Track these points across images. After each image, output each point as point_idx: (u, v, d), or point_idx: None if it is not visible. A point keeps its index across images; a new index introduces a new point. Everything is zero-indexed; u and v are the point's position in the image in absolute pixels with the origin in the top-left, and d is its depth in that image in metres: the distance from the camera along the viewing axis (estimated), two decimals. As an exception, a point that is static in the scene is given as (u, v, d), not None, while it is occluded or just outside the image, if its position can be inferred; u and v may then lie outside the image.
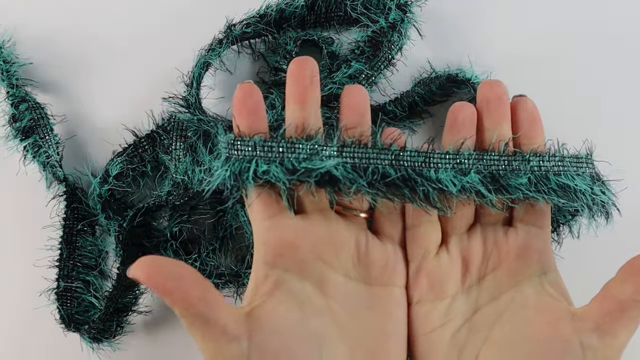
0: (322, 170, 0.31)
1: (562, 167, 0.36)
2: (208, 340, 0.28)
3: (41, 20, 0.46)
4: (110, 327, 0.41)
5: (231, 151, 0.32)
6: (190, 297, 0.28)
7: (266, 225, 0.33)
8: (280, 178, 0.31)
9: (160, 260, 0.28)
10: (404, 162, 0.32)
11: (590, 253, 0.45)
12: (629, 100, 0.46)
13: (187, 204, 0.42)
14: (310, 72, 0.33)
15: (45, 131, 0.43)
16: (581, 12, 0.47)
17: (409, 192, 0.32)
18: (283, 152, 0.31)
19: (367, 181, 0.31)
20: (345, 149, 0.32)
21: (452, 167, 0.33)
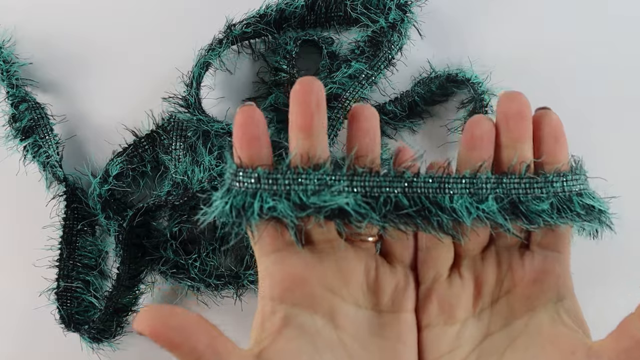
0: (333, 207, 0.29)
1: (581, 185, 0.33)
2: None
3: (41, 20, 0.46)
4: (110, 327, 0.41)
5: (233, 182, 0.30)
6: (199, 348, 0.27)
7: (272, 259, 0.31)
8: (288, 214, 0.29)
9: (163, 311, 0.27)
10: (417, 189, 0.30)
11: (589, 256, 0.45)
12: (629, 100, 0.46)
13: (187, 204, 0.42)
14: (317, 97, 0.30)
15: (45, 131, 0.43)
16: (581, 12, 0.47)
17: (422, 221, 0.30)
18: (289, 185, 0.29)
19: (380, 214, 0.30)
20: (356, 178, 0.30)
21: (469, 193, 0.31)
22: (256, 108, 0.31)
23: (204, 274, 0.41)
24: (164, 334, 0.26)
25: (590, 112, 0.46)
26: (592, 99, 0.46)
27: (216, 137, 0.41)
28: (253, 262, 0.42)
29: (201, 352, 0.27)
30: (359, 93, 0.43)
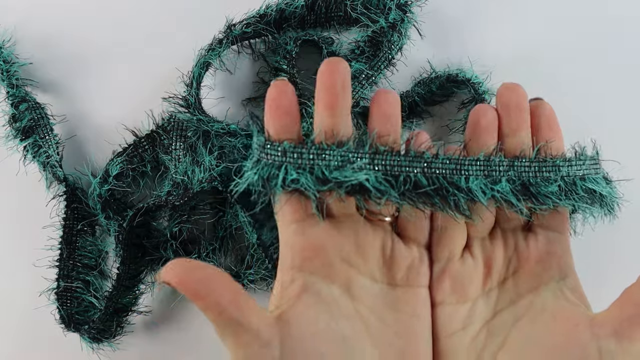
0: (353, 182, 0.30)
1: (586, 170, 0.35)
2: (240, 345, 0.28)
3: (41, 20, 0.46)
4: (110, 327, 0.41)
5: (261, 154, 0.31)
6: (223, 302, 0.28)
7: (293, 229, 0.32)
8: (310, 187, 0.30)
9: (191, 264, 0.28)
10: (436, 170, 0.32)
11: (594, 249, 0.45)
12: (629, 99, 0.46)
13: (187, 204, 0.42)
14: (342, 77, 0.32)
15: (45, 131, 0.43)
16: (581, 12, 0.47)
17: (440, 200, 0.32)
18: (313, 160, 0.31)
19: (399, 192, 0.31)
20: (377, 157, 0.31)
21: (483, 174, 0.32)
22: (289, 83, 0.32)
23: (204, 274, 0.41)
24: (190, 285, 0.27)
25: (590, 112, 0.46)
26: (592, 98, 0.46)
27: (216, 137, 0.41)
28: (253, 262, 0.42)
29: (224, 306, 0.28)
30: (359, 93, 0.43)
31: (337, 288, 0.32)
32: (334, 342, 0.30)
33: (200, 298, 0.27)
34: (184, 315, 0.43)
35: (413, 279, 0.34)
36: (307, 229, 0.32)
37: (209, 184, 0.40)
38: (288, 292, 0.31)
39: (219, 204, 0.43)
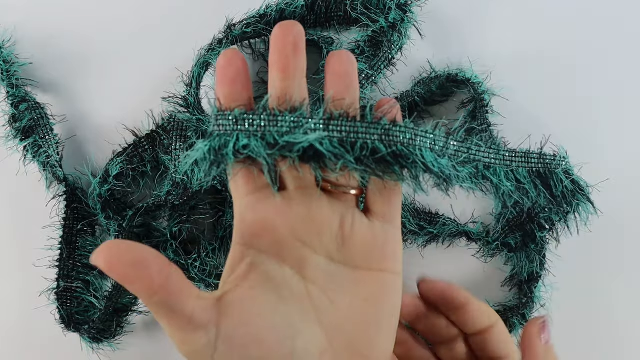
0: (304, 145, 0.29)
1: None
2: (174, 328, 0.27)
3: (41, 20, 0.46)
4: (110, 327, 0.41)
5: (214, 126, 0.30)
6: (153, 286, 0.27)
7: (245, 203, 0.31)
8: (260, 153, 0.29)
9: (122, 246, 0.27)
10: (394, 138, 0.30)
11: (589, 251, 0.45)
12: (629, 99, 0.46)
13: (186, 204, 0.42)
14: (294, 39, 0.31)
15: (45, 131, 0.43)
16: (581, 11, 0.47)
17: (399, 169, 0.30)
18: (265, 126, 0.29)
19: (355, 157, 0.29)
20: (332, 122, 0.30)
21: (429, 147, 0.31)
22: (238, 51, 0.31)
23: (204, 274, 0.41)
24: (118, 267, 0.26)
25: (590, 111, 0.46)
26: (592, 98, 0.46)
27: (216, 137, 0.41)
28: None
29: (156, 289, 0.27)
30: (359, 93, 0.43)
31: (288, 268, 0.30)
32: (276, 327, 0.29)
33: (129, 282, 0.27)
34: (184, 315, 0.43)
35: (376, 262, 0.31)
36: (259, 203, 0.31)
37: (209, 184, 0.40)
38: (236, 271, 0.30)
39: (219, 204, 0.43)
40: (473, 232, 0.43)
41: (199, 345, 0.27)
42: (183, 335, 0.27)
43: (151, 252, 0.27)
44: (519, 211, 0.43)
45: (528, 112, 0.45)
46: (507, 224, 0.43)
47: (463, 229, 0.43)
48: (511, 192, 0.37)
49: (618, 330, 0.44)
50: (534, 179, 0.38)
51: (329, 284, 0.31)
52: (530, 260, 0.43)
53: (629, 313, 0.44)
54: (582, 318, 0.44)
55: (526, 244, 0.43)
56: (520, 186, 0.38)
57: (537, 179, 0.38)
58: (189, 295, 0.27)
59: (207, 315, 0.28)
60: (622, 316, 0.44)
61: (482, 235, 0.43)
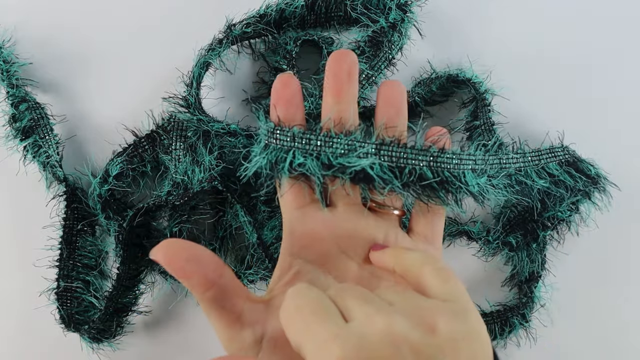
0: (357, 168, 0.31)
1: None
2: (222, 325, 0.29)
3: (41, 20, 0.46)
4: (110, 327, 0.41)
5: (270, 139, 0.32)
6: (208, 283, 0.28)
7: (295, 216, 0.33)
8: (315, 172, 0.31)
9: (181, 243, 0.29)
10: (442, 164, 0.32)
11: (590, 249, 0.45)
12: (629, 99, 0.46)
13: (187, 204, 0.42)
14: (348, 66, 0.33)
15: (45, 131, 0.43)
16: (581, 11, 0.47)
17: (444, 194, 0.32)
18: (320, 146, 0.31)
19: (403, 182, 0.31)
20: (384, 148, 0.32)
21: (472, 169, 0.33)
22: (293, 76, 0.34)
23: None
24: (177, 262, 0.28)
25: (590, 111, 0.46)
26: (591, 98, 0.46)
27: (216, 137, 0.41)
28: (253, 262, 0.42)
29: (208, 286, 0.28)
30: (359, 93, 0.43)
31: (332, 278, 0.32)
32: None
33: (185, 277, 0.28)
34: (184, 315, 0.43)
35: None
36: (308, 217, 0.33)
37: (209, 184, 0.40)
38: (284, 278, 0.32)
39: (219, 204, 0.43)
40: (473, 231, 0.43)
41: (245, 343, 0.29)
42: (230, 332, 0.29)
43: (207, 251, 0.29)
44: (521, 210, 0.43)
45: (528, 111, 0.45)
46: (508, 222, 0.43)
47: (463, 228, 0.43)
48: (548, 189, 0.40)
49: (618, 330, 0.44)
50: (567, 168, 0.41)
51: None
52: (532, 259, 0.43)
53: (629, 313, 0.44)
54: (582, 318, 0.44)
55: (528, 243, 0.43)
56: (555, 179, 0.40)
57: (570, 168, 0.41)
58: (239, 295, 0.29)
59: (255, 315, 0.29)
60: (622, 316, 0.44)
61: (483, 234, 0.43)
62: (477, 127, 0.43)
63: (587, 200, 0.42)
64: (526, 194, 0.40)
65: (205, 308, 0.29)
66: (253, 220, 0.41)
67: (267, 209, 0.42)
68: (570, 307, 0.44)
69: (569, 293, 0.43)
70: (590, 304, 0.44)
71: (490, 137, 0.43)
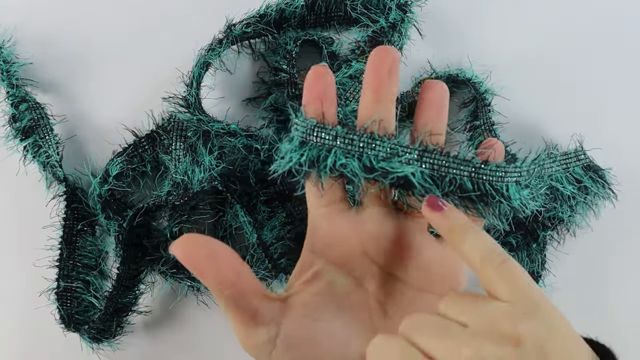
0: (399, 174, 0.30)
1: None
2: (238, 322, 0.29)
3: (41, 20, 0.46)
4: (110, 327, 0.41)
5: (309, 136, 0.31)
6: (224, 280, 0.28)
7: (321, 213, 0.32)
8: (357, 174, 0.31)
9: (200, 240, 0.28)
10: (483, 177, 0.31)
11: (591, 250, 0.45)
12: (629, 99, 0.46)
13: (187, 204, 0.42)
14: (390, 63, 0.32)
15: (45, 131, 0.43)
16: (580, 12, 0.47)
17: (483, 207, 0.31)
18: (363, 148, 0.31)
19: (443, 192, 0.31)
20: (426, 155, 0.31)
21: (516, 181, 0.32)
22: (328, 68, 0.32)
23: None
24: (194, 259, 0.28)
25: (589, 112, 0.46)
26: (591, 98, 0.46)
27: (216, 137, 0.41)
28: (253, 262, 0.42)
29: (225, 284, 0.28)
30: (359, 93, 0.43)
31: (353, 280, 0.32)
32: (332, 333, 0.30)
33: (203, 275, 0.28)
34: (184, 315, 0.43)
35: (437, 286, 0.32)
36: (334, 216, 0.32)
37: (209, 184, 0.40)
38: (303, 275, 0.31)
39: (219, 204, 0.43)
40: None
41: (260, 341, 0.29)
42: (246, 330, 0.29)
43: (225, 248, 0.29)
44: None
45: (528, 111, 0.45)
46: (508, 222, 0.43)
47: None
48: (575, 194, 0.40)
49: (618, 330, 0.44)
50: (591, 173, 0.41)
51: (389, 299, 0.32)
52: (532, 259, 0.43)
53: (629, 313, 0.44)
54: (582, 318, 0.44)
55: (528, 243, 0.43)
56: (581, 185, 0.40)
57: (593, 173, 0.41)
58: (256, 293, 0.29)
59: (270, 314, 0.29)
60: (622, 316, 0.44)
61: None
62: (477, 127, 0.43)
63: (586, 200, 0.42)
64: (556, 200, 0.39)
65: (222, 305, 0.29)
66: (253, 220, 0.41)
67: (267, 209, 0.42)
68: (570, 307, 0.44)
69: (569, 293, 0.43)
70: (590, 304, 0.44)
71: (491, 137, 0.43)
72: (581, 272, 0.44)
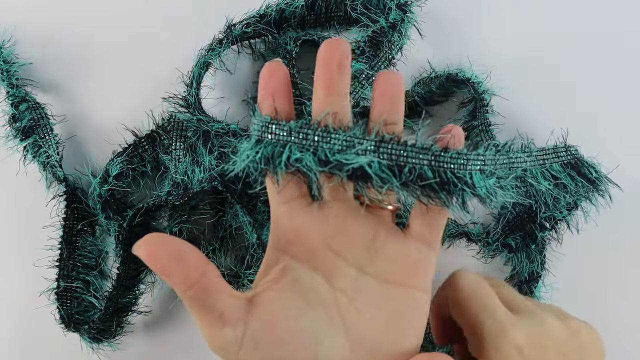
0: (354, 166, 0.30)
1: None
2: (204, 323, 0.29)
3: (41, 20, 0.46)
4: (110, 327, 0.41)
5: (264, 134, 0.31)
6: (189, 280, 0.28)
7: (282, 210, 0.32)
8: (311, 168, 0.30)
9: (164, 239, 0.28)
10: (444, 164, 0.30)
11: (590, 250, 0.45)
12: (629, 99, 0.46)
13: (187, 204, 0.42)
14: (340, 56, 0.32)
15: (45, 131, 0.43)
16: (580, 11, 0.47)
17: (446, 196, 0.30)
18: (318, 141, 0.30)
19: (402, 181, 0.30)
20: (383, 145, 0.30)
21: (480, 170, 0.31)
22: (281, 63, 0.32)
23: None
24: (158, 259, 0.28)
25: (589, 112, 0.46)
26: (591, 98, 0.46)
27: (216, 137, 0.41)
28: (253, 262, 0.42)
29: (189, 284, 0.28)
30: (359, 93, 0.43)
31: (319, 275, 0.31)
32: (301, 331, 0.30)
33: (166, 274, 0.28)
34: (184, 315, 0.43)
35: (406, 278, 0.32)
36: (295, 212, 0.32)
37: (209, 184, 0.40)
38: (269, 273, 0.31)
39: (219, 204, 0.43)
40: (473, 233, 0.43)
41: (226, 341, 0.29)
42: (212, 330, 0.29)
43: (190, 247, 0.29)
44: (519, 211, 0.43)
45: (528, 111, 0.45)
46: (507, 224, 0.43)
47: (463, 229, 0.43)
48: (550, 191, 0.39)
49: (618, 330, 0.44)
50: (569, 171, 0.40)
51: (357, 294, 0.32)
52: (531, 260, 0.43)
53: (628, 313, 0.44)
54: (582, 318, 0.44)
55: (527, 244, 0.43)
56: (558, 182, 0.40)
57: (572, 170, 0.40)
58: (221, 293, 0.29)
59: (237, 313, 0.29)
60: (622, 316, 0.44)
61: (482, 236, 0.43)
62: (475, 127, 0.43)
63: (586, 200, 0.42)
64: (531, 196, 0.39)
65: (188, 305, 0.29)
66: (253, 220, 0.41)
67: (266, 209, 0.42)
68: (570, 307, 0.44)
69: (569, 293, 0.43)
70: (590, 304, 0.44)
71: (488, 137, 0.43)
72: (581, 272, 0.44)
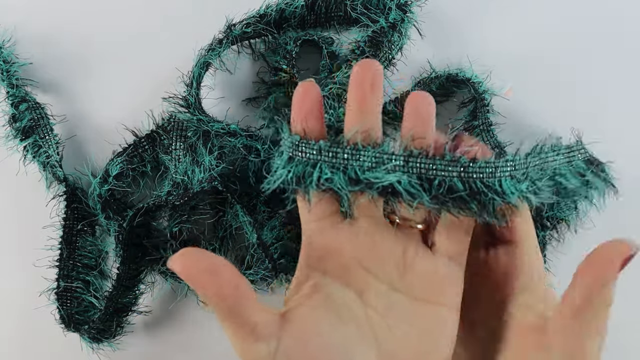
0: (384, 184, 0.30)
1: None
2: (237, 337, 0.29)
3: (41, 20, 0.46)
4: (110, 327, 0.41)
5: (295, 152, 0.31)
6: (223, 294, 0.28)
7: (313, 227, 0.33)
8: (342, 187, 0.30)
9: (198, 254, 0.29)
10: (473, 174, 0.30)
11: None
12: (629, 99, 0.46)
13: (187, 204, 0.42)
14: (372, 76, 0.32)
15: (45, 131, 0.43)
16: (580, 11, 0.47)
17: (477, 205, 0.30)
18: (348, 159, 0.31)
19: (432, 195, 0.30)
20: (411, 159, 0.30)
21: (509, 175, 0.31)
22: (315, 84, 0.32)
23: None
24: (193, 273, 0.28)
25: (589, 112, 0.46)
26: (591, 98, 0.46)
27: (216, 137, 0.41)
28: (253, 262, 0.42)
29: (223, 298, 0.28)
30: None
31: (351, 292, 0.32)
32: (332, 347, 0.30)
33: (200, 287, 0.28)
34: (184, 315, 0.43)
35: (434, 295, 0.32)
36: (327, 229, 0.32)
37: (209, 184, 0.40)
38: (301, 290, 0.31)
39: (219, 204, 0.43)
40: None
41: (259, 355, 0.29)
42: (245, 344, 0.29)
43: (223, 262, 0.29)
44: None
45: (528, 111, 0.45)
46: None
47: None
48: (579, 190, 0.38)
49: (618, 330, 0.44)
50: (592, 168, 0.40)
51: (388, 311, 0.32)
52: (531, 260, 0.43)
53: (628, 313, 0.44)
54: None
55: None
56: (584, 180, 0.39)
57: (594, 167, 0.40)
58: (254, 307, 0.29)
59: (269, 328, 0.29)
60: (622, 316, 0.44)
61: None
62: (476, 127, 0.43)
63: (585, 200, 0.42)
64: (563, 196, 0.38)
65: (221, 319, 0.29)
66: (253, 220, 0.41)
67: (267, 209, 0.42)
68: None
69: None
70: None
71: (489, 137, 0.43)
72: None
